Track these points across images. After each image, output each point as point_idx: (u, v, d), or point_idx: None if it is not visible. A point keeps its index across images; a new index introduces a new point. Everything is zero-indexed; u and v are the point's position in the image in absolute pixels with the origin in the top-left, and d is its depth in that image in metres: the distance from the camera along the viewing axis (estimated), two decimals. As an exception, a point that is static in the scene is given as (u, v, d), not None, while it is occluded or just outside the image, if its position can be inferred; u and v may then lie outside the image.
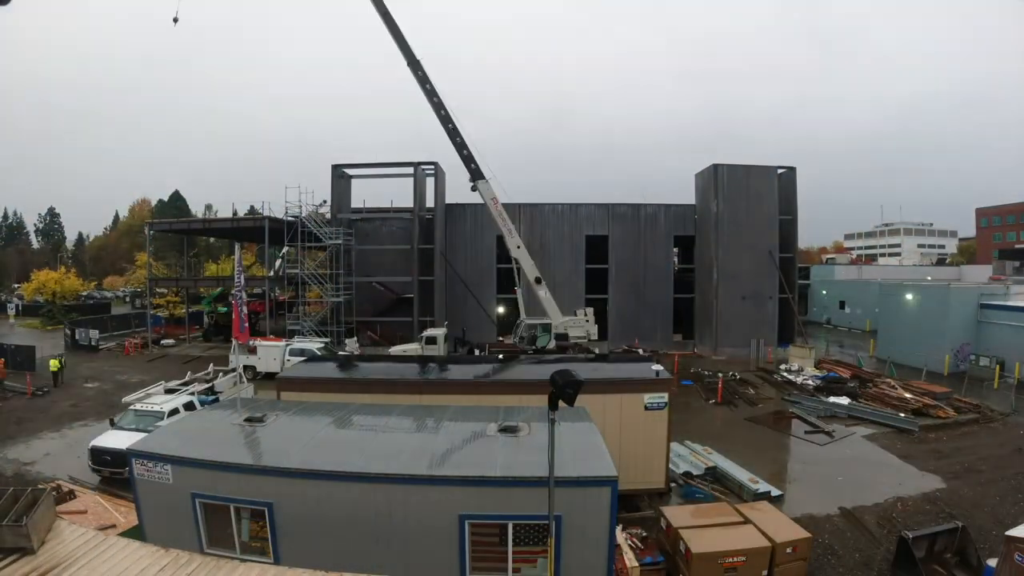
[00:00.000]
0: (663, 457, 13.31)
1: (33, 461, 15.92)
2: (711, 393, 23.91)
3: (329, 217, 36.09)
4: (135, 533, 8.03)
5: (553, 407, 6.35)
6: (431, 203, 37.23)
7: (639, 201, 39.86)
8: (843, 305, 49.07)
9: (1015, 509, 12.86)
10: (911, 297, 31.29)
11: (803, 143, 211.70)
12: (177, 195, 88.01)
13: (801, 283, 44.04)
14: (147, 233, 41.05)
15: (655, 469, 13.18)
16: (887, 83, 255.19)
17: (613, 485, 7.51)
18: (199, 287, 44.53)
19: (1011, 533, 8.64)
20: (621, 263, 38.61)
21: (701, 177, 37.60)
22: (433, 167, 36.91)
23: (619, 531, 9.85)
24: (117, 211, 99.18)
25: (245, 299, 13.42)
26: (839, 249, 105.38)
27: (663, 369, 14.60)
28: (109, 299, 65.52)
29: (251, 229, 38.50)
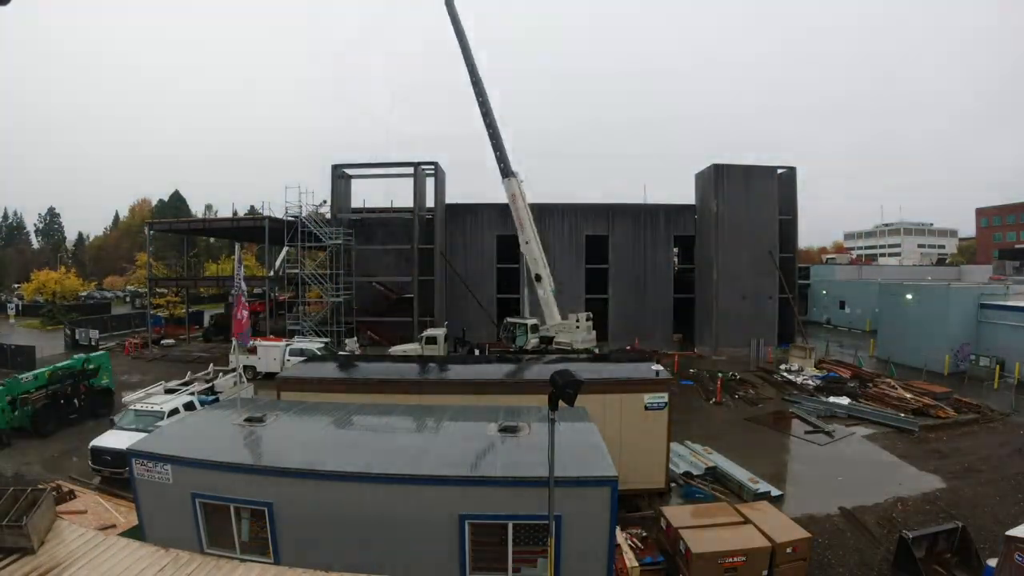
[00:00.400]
0: (663, 457, 13.31)
1: (33, 461, 15.92)
2: (711, 393, 23.92)
3: (329, 217, 36.09)
4: (135, 533, 8.04)
5: (553, 407, 6.35)
6: (431, 203, 37.23)
7: (639, 201, 39.91)
8: (843, 305, 49.04)
9: (1015, 509, 12.86)
10: (911, 297, 31.29)
11: (803, 142, 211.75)
12: (177, 195, 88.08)
13: (801, 283, 44.03)
14: (147, 233, 41.05)
15: (655, 469, 13.18)
16: (888, 81, 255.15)
17: (613, 485, 7.51)
18: (199, 287, 44.56)
19: (1011, 533, 8.64)
20: (621, 263, 38.60)
21: (701, 177, 37.59)
22: (433, 167, 36.91)
23: (619, 531, 9.85)
24: (117, 211, 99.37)
25: (245, 299, 13.36)
26: (839, 249, 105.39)
27: (663, 369, 14.60)
28: (109, 299, 65.52)
29: (251, 229, 38.53)
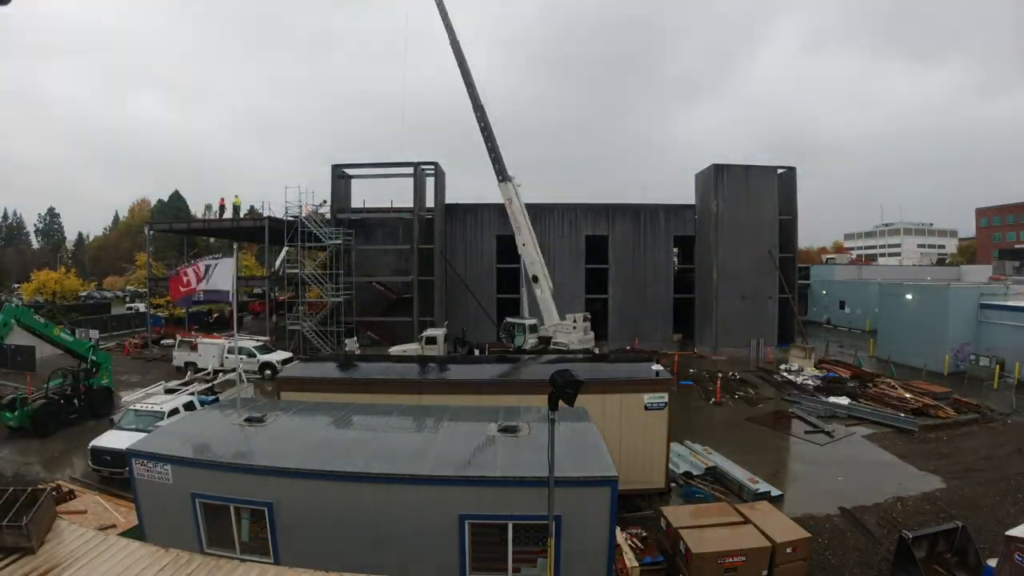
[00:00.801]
0: (663, 457, 13.31)
1: (33, 461, 15.92)
2: (711, 393, 23.92)
3: (329, 217, 36.09)
4: (135, 533, 8.04)
5: (553, 407, 6.35)
6: (431, 203, 37.23)
7: (639, 201, 39.92)
8: (843, 305, 49.05)
9: (1015, 509, 12.86)
10: (911, 297, 31.29)
11: (804, 141, 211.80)
12: (177, 195, 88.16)
13: (801, 283, 44.04)
14: (147, 233, 41.06)
15: (655, 469, 13.18)
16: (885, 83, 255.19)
17: (613, 485, 7.51)
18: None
19: (1011, 533, 8.63)
20: (621, 263, 38.60)
21: (701, 177, 37.60)
22: (433, 167, 36.91)
23: (619, 531, 9.85)
24: (117, 211, 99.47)
25: (202, 268, 12.09)
26: (839, 249, 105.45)
27: (663, 369, 14.60)
28: (109, 299, 65.51)
29: (251, 229, 38.51)
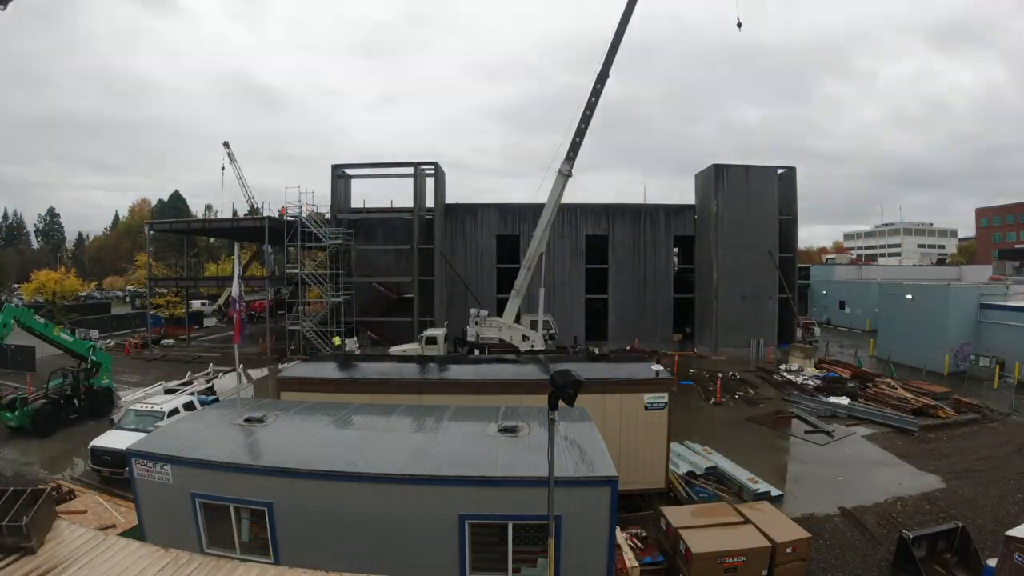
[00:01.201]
0: (663, 457, 13.31)
1: (33, 461, 15.93)
2: (711, 393, 23.93)
3: (329, 217, 36.10)
4: (135, 533, 8.04)
5: (553, 407, 6.35)
6: (431, 203, 37.23)
7: (639, 201, 39.93)
8: (843, 305, 49.07)
9: (1015, 509, 12.87)
10: (911, 297, 31.28)
11: (803, 140, 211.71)
12: (177, 195, 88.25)
13: (801, 283, 44.04)
14: (147, 233, 41.08)
15: (655, 469, 13.18)
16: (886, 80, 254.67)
17: (613, 485, 7.51)
18: (199, 287, 44.51)
19: (1011, 533, 8.63)
20: (621, 263, 38.60)
21: (701, 177, 37.60)
22: (433, 167, 36.90)
23: (619, 531, 9.85)
24: (117, 211, 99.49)
25: (243, 307, 13.48)
26: (839, 249, 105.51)
27: (663, 369, 14.61)
28: (109, 299, 65.51)
29: (251, 229, 38.54)
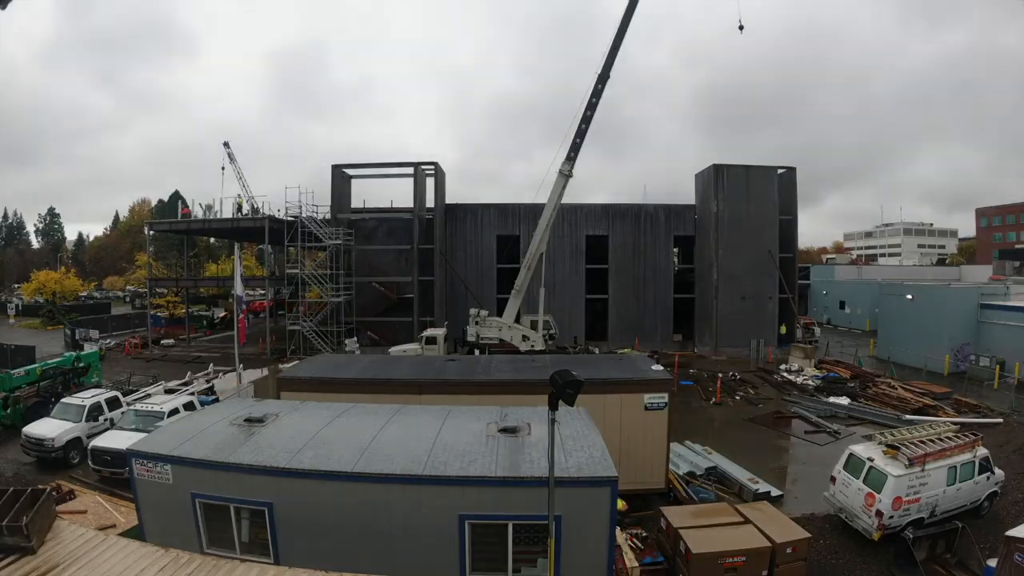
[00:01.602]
0: (663, 457, 13.31)
1: (33, 461, 15.93)
2: (711, 393, 23.93)
3: (329, 217, 36.09)
4: (135, 533, 8.04)
5: (553, 407, 6.36)
6: (431, 203, 37.24)
7: (639, 201, 39.93)
8: (843, 305, 49.09)
9: (1015, 509, 12.87)
10: (911, 297, 31.28)
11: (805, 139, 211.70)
12: (177, 195, 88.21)
13: (801, 283, 44.03)
14: (147, 233, 41.07)
15: (655, 469, 13.18)
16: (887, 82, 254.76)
17: (613, 485, 7.51)
18: (199, 287, 44.49)
19: (1011, 533, 8.64)
20: (621, 263, 38.61)
21: (701, 177, 37.60)
22: (433, 167, 36.91)
23: (619, 531, 9.85)
24: (117, 211, 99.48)
25: (244, 307, 13.87)
26: (839, 249, 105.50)
27: (663, 369, 14.61)
28: (109, 299, 65.53)
29: (251, 229, 38.50)
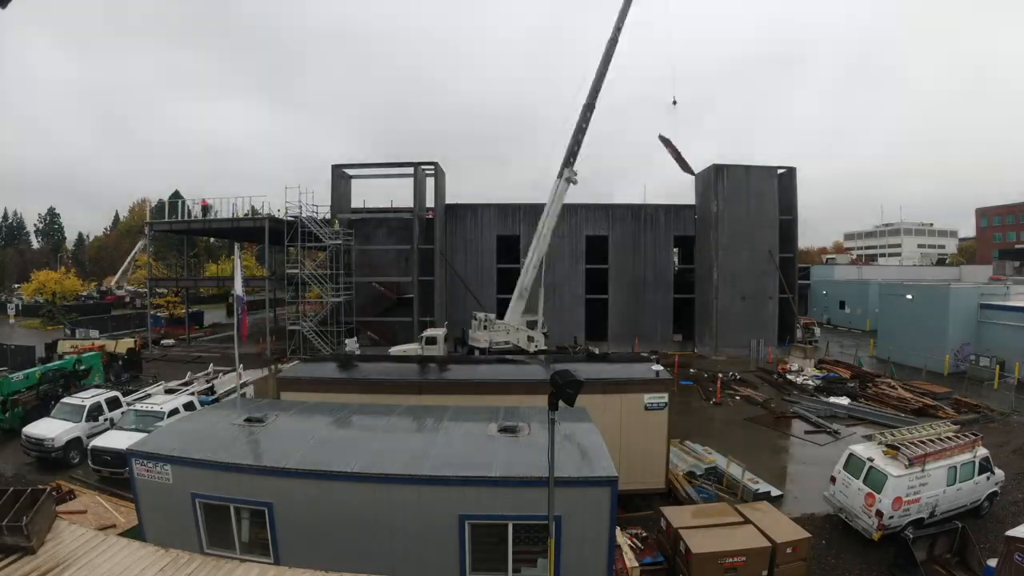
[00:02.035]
0: (663, 457, 13.31)
1: (33, 461, 15.93)
2: (711, 393, 23.94)
3: (329, 217, 36.07)
4: (135, 533, 8.03)
5: (553, 407, 6.35)
6: (431, 203, 37.24)
7: (639, 201, 39.95)
8: (843, 305, 49.08)
9: (1015, 509, 12.87)
10: (911, 297, 31.29)
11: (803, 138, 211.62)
12: (177, 195, 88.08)
13: (801, 283, 44.04)
14: (147, 233, 41.05)
15: (655, 469, 13.18)
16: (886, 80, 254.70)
17: (613, 485, 7.51)
18: (199, 287, 44.46)
19: (1011, 533, 8.64)
20: (621, 263, 38.61)
21: (701, 177, 37.58)
22: (433, 167, 36.91)
23: (619, 531, 9.84)
24: (117, 211, 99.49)
25: (244, 303, 14.15)
26: (839, 249, 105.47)
27: (663, 369, 14.61)
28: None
29: (251, 229, 38.48)
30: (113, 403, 17.63)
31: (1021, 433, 18.49)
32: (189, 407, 16.42)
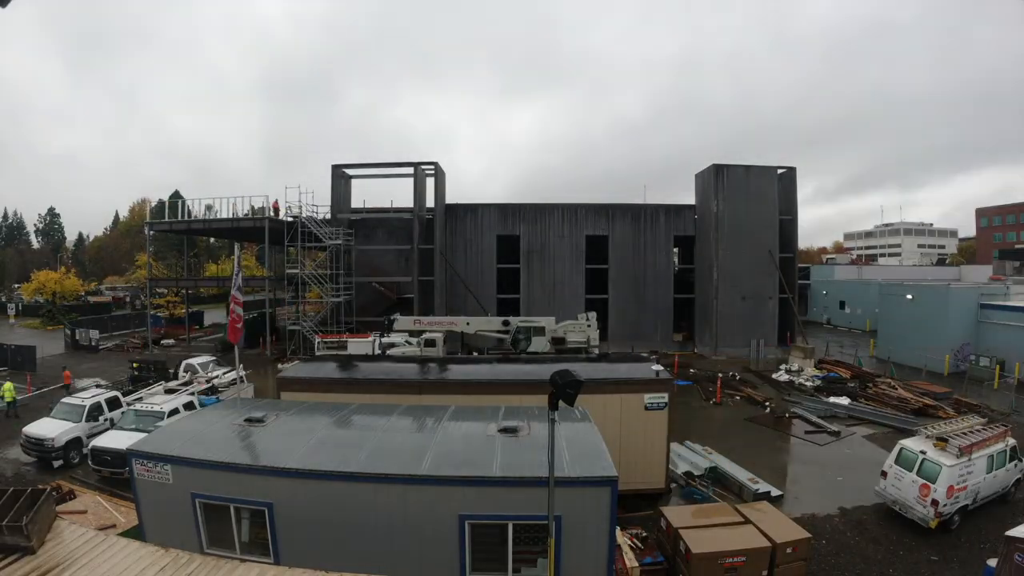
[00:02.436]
0: (663, 457, 13.31)
1: (32, 461, 15.93)
2: (711, 393, 23.93)
3: (329, 217, 36.08)
4: (135, 533, 8.03)
5: (553, 407, 6.35)
6: (431, 203, 37.24)
7: (639, 201, 39.96)
8: (843, 305, 49.07)
9: (1015, 509, 12.88)
10: (911, 297, 31.28)
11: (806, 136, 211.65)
12: (177, 195, 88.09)
13: (801, 283, 44.04)
14: (147, 233, 41.04)
15: (655, 469, 13.18)
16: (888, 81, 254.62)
17: (613, 485, 7.50)
18: (199, 287, 44.45)
19: (1011, 533, 8.63)
20: (621, 263, 38.60)
21: (701, 177, 37.59)
22: (433, 167, 36.91)
23: (619, 531, 9.84)
24: (117, 211, 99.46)
25: (241, 301, 14.24)
26: (839, 249, 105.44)
27: (663, 369, 14.61)
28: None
29: (251, 229, 38.48)
30: (113, 403, 17.68)
31: (1022, 433, 18.49)
32: (189, 407, 16.45)
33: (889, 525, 12.38)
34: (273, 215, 35.10)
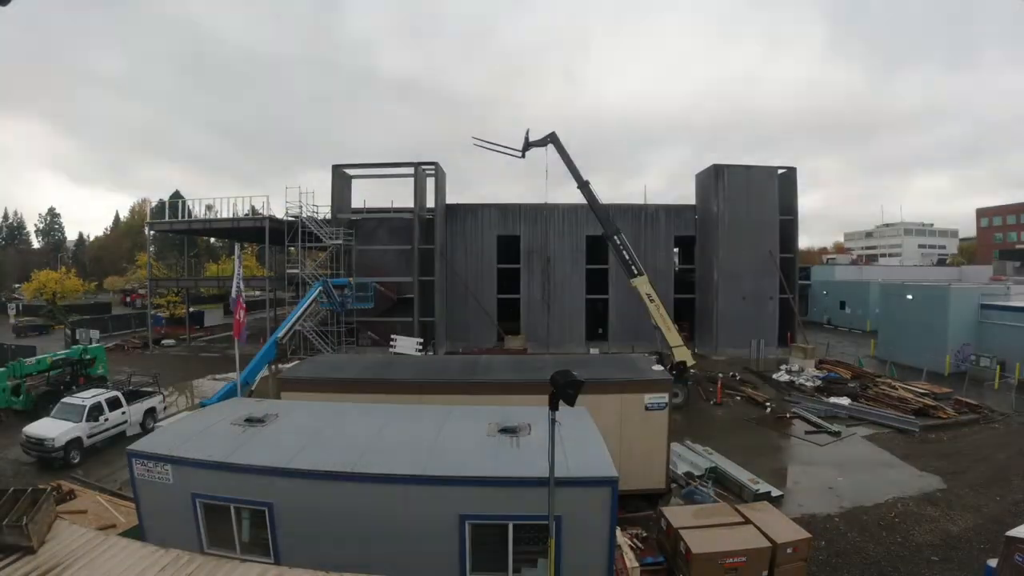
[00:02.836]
0: (663, 457, 13.31)
1: (31, 461, 15.94)
2: (711, 394, 23.94)
3: (329, 217, 36.08)
4: (135, 533, 8.03)
5: (553, 407, 6.35)
6: (431, 203, 37.23)
7: (639, 201, 39.90)
8: (843, 305, 49.05)
9: (1015, 509, 12.86)
10: (911, 297, 31.26)
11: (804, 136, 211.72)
12: (177, 195, 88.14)
13: (801, 283, 44.00)
14: (147, 233, 41.06)
15: (655, 469, 13.18)
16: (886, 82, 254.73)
17: (613, 485, 7.50)
18: (199, 287, 44.49)
19: (1011, 533, 8.62)
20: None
21: (702, 177, 37.58)
22: (433, 167, 36.88)
23: (619, 531, 9.83)
24: (117, 211, 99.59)
25: (243, 301, 14.39)
26: (839, 249, 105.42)
27: (663, 369, 14.61)
28: (109, 299, 65.57)
29: (252, 229, 38.50)
30: (114, 403, 17.79)
31: (1022, 434, 18.51)
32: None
33: (890, 526, 12.37)
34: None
